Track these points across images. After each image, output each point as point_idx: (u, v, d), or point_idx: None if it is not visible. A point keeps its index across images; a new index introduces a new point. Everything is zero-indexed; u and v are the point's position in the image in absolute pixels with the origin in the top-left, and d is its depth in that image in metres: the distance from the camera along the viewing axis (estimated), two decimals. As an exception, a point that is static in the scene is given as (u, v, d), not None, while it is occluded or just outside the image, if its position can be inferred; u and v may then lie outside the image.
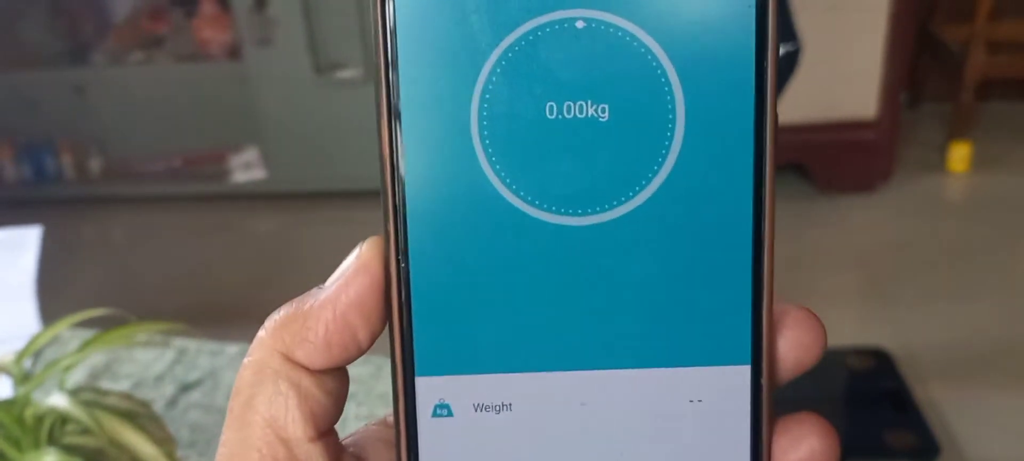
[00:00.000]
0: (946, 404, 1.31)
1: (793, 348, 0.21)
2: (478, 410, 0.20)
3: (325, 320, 0.20)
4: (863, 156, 1.88)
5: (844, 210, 1.87)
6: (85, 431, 0.45)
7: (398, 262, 0.20)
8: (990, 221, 1.81)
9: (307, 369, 0.20)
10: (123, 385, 0.64)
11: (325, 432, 0.20)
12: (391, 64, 0.19)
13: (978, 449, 1.24)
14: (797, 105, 1.77)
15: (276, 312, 0.21)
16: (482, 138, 0.19)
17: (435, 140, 0.19)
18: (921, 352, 1.41)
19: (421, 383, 0.20)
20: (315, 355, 0.20)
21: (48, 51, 2.21)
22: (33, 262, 0.69)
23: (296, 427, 0.20)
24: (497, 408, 0.20)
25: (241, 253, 1.92)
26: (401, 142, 0.19)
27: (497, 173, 0.19)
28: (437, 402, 0.20)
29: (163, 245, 2.01)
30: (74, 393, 0.44)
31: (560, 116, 0.19)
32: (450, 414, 0.20)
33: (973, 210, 1.89)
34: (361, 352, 0.20)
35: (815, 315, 0.21)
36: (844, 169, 1.89)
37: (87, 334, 0.67)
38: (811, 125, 1.84)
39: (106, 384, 0.65)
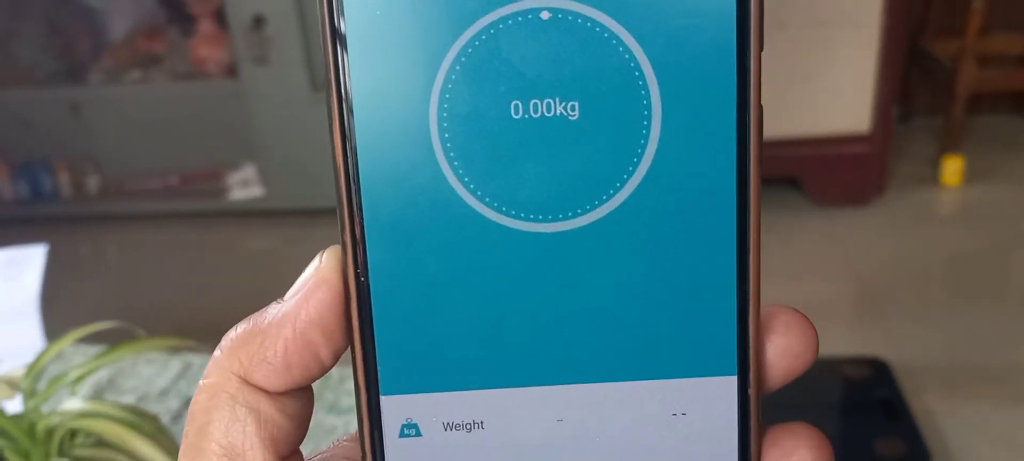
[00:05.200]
0: (941, 414, 1.32)
1: (782, 356, 0.19)
2: (448, 429, 0.19)
3: (284, 338, 0.19)
4: (856, 170, 1.90)
5: (838, 223, 1.88)
6: (97, 443, 0.45)
7: (357, 276, 0.18)
8: (983, 233, 1.82)
9: (266, 392, 0.19)
10: (127, 399, 0.65)
11: (287, 456, 0.19)
12: (341, 64, 0.18)
13: (971, 459, 1.24)
14: (791, 119, 1.79)
15: (233, 329, 0.19)
16: (442, 141, 0.18)
17: (392, 144, 0.18)
18: (916, 363, 1.42)
19: (387, 402, 0.19)
20: (274, 377, 0.19)
21: (44, 70, 2.22)
22: (36, 281, 0.69)
23: (255, 454, 0.19)
24: (468, 427, 0.19)
25: (239, 270, 1.92)
26: (355, 148, 0.18)
27: (460, 178, 0.18)
28: (404, 421, 0.19)
29: (161, 263, 2.01)
30: (86, 402, 0.45)
31: (526, 115, 0.18)
32: (419, 434, 0.19)
33: (966, 222, 1.91)
34: (324, 370, 0.19)
35: (806, 318, 0.19)
36: (838, 183, 1.91)
37: (90, 349, 0.68)
38: (805, 139, 1.85)
39: (110, 398, 0.65)
